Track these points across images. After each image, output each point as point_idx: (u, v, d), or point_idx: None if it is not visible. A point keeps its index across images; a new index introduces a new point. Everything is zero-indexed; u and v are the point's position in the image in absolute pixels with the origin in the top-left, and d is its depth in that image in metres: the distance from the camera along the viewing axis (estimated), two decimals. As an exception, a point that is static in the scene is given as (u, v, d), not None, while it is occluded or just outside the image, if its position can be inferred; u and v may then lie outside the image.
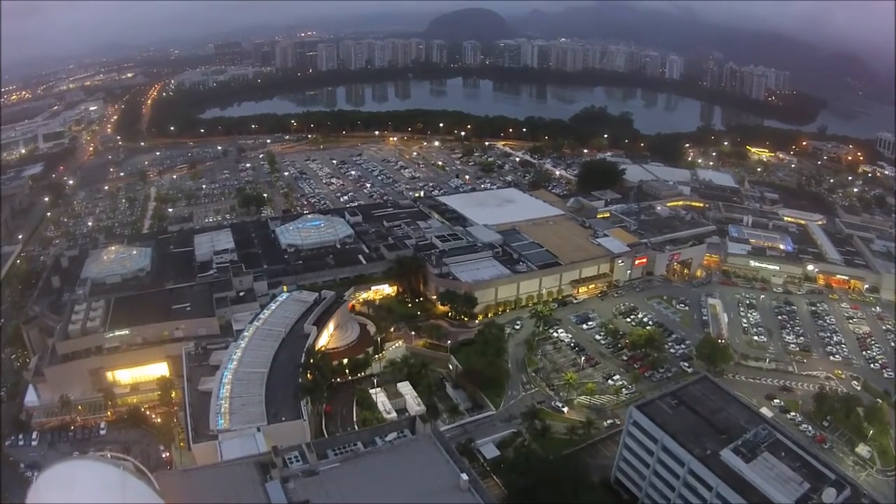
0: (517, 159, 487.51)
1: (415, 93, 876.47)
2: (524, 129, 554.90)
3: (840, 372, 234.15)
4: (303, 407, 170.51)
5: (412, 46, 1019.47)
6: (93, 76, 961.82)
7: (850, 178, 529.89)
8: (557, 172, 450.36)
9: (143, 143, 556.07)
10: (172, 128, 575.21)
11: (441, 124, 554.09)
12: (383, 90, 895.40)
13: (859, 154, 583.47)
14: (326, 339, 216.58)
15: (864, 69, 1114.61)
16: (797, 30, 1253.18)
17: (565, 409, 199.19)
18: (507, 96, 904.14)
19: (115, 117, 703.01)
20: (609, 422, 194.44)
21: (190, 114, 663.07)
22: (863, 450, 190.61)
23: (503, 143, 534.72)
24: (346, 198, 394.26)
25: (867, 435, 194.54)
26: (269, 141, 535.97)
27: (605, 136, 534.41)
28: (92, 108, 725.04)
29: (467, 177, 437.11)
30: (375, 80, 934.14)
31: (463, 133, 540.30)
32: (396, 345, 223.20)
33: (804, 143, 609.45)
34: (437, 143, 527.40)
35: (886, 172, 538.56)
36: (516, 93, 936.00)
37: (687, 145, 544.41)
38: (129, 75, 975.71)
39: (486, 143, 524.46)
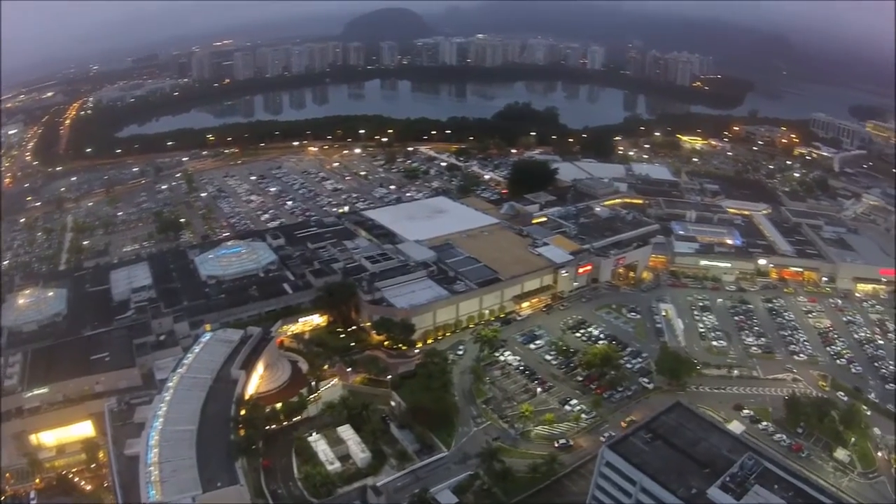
0: (443, 163, 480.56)
1: (333, 98, 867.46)
2: (448, 131, 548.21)
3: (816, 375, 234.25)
4: (238, 469, 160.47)
5: (329, 50, 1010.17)
6: (13, 97, 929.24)
7: (787, 162, 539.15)
8: (486, 175, 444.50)
9: (59, 168, 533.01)
10: (89, 149, 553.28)
11: (361, 130, 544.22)
12: (301, 97, 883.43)
13: (793, 136, 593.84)
14: (256, 381, 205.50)
15: (789, 49, 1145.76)
16: (720, 14, 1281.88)
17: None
18: (427, 97, 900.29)
19: (33, 141, 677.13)
20: (562, 441, 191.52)
21: (107, 133, 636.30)
22: (841, 454, 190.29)
23: (427, 146, 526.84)
24: (267, 216, 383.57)
25: (844, 439, 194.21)
26: (185, 159, 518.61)
27: (533, 133, 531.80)
28: (11, 132, 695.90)
29: (392, 186, 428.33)
30: (293, 86, 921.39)
31: (384, 138, 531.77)
32: (332, 383, 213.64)
33: (736, 129, 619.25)
34: (358, 151, 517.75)
35: (824, 153, 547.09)
36: (436, 92, 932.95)
37: (617, 138, 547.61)
38: (49, 94, 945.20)
39: (410, 148, 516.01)
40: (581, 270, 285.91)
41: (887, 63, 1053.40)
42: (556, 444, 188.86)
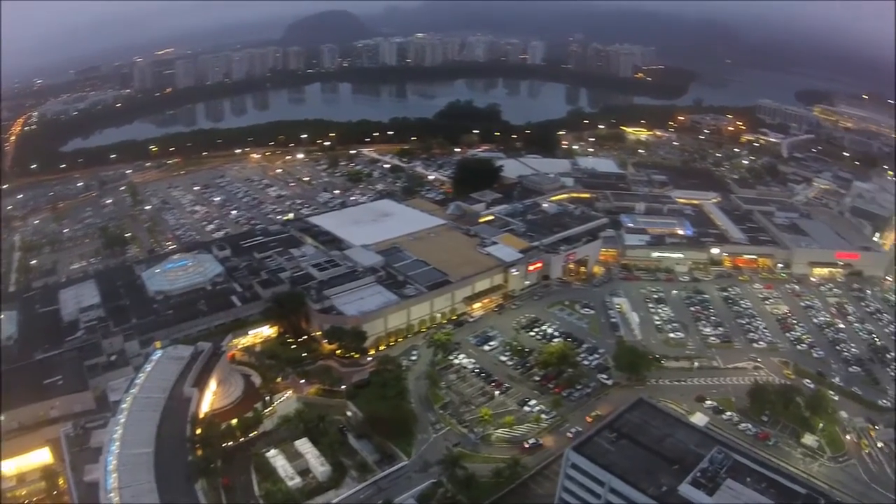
0: (386, 165, 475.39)
1: (274, 103, 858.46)
2: (390, 132, 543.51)
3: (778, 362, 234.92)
4: (198, 490, 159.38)
5: (269, 55, 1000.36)
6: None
7: (735, 149, 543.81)
8: (430, 175, 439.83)
9: (6, 186, 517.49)
10: (34, 165, 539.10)
11: (303, 135, 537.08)
12: (242, 103, 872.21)
13: (740, 124, 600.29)
14: (210, 398, 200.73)
15: (731, 37, 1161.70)
16: (661, 4, 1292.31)
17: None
18: (369, 98, 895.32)
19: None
20: (532, 441, 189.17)
21: (52, 147, 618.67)
22: (809, 440, 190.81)
23: (369, 148, 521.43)
24: (212, 226, 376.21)
25: (811, 424, 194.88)
26: (129, 171, 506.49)
27: (476, 131, 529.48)
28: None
29: (336, 191, 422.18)
30: (234, 93, 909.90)
31: (327, 142, 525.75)
32: (286, 395, 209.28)
33: (681, 118, 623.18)
34: (301, 156, 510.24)
35: (772, 139, 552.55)
36: (377, 94, 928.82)
37: (561, 132, 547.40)
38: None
39: (352, 151, 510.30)
40: (531, 268, 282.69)
41: (834, 48, 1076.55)
42: (527, 445, 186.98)
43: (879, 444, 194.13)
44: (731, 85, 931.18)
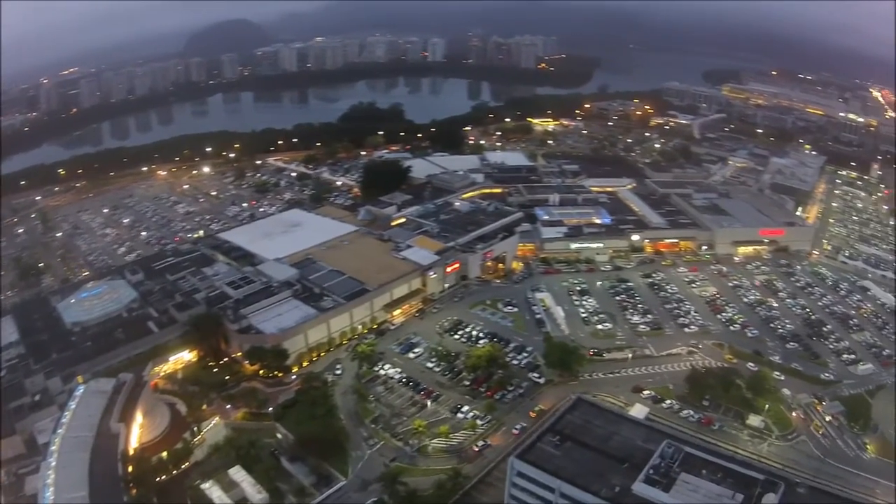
0: (293, 173, 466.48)
1: (178, 117, 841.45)
2: (294, 139, 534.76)
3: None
4: None
5: (171, 68, 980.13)
6: None
7: (646, 133, 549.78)
8: (338, 181, 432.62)
9: None
10: None
11: (208, 148, 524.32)
12: (147, 119, 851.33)
13: (648, 108, 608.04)
14: (137, 432, 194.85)
15: (633, 22, 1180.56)
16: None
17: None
18: (271, 106, 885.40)
19: None
20: (481, 443, 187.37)
21: None
22: (755, 421, 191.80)
23: (274, 157, 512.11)
24: (123, 249, 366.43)
25: (755, 405, 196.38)
26: (39, 197, 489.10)
27: (380, 132, 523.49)
28: None
29: (245, 203, 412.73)
30: (138, 109, 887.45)
31: (232, 154, 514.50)
32: (214, 422, 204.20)
33: (588, 106, 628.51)
34: (207, 170, 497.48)
35: (682, 121, 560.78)
36: (279, 101, 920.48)
37: (466, 128, 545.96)
38: None
39: (258, 161, 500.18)
40: (449, 269, 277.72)
41: (741, 27, 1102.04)
42: (476, 448, 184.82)
43: (828, 418, 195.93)
44: (635, 70, 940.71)
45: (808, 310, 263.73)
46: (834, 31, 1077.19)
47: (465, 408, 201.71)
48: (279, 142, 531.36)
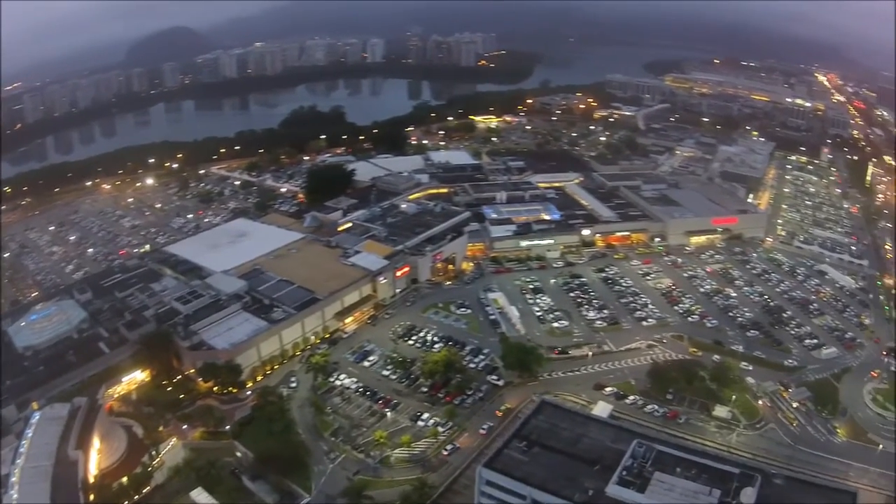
0: (236, 182, 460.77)
1: (121, 129, 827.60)
2: (237, 147, 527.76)
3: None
4: None
5: (113, 79, 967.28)
6: None
7: (590, 127, 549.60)
8: (283, 188, 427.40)
9: None
10: None
11: (151, 159, 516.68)
12: (90, 132, 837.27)
13: (591, 101, 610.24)
14: (96, 458, 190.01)
15: (573, 17, 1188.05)
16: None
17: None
18: (212, 114, 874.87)
19: None
20: (450, 447, 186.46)
21: None
22: (721, 411, 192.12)
23: (217, 166, 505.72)
24: (71, 267, 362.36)
25: (720, 396, 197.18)
26: None
27: (322, 136, 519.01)
28: None
29: (189, 215, 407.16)
30: (81, 122, 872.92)
31: (175, 165, 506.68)
32: (171, 443, 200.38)
33: (530, 102, 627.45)
34: (150, 182, 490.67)
35: (626, 113, 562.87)
36: (220, 108, 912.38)
37: (409, 129, 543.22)
38: None
39: (201, 171, 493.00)
40: (399, 273, 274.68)
41: (680, 18, 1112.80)
42: (446, 452, 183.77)
43: (795, 404, 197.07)
44: (576, 63, 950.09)
45: (766, 297, 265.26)
46: (778, 19, 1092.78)
47: (425, 415, 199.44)
48: (222, 150, 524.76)
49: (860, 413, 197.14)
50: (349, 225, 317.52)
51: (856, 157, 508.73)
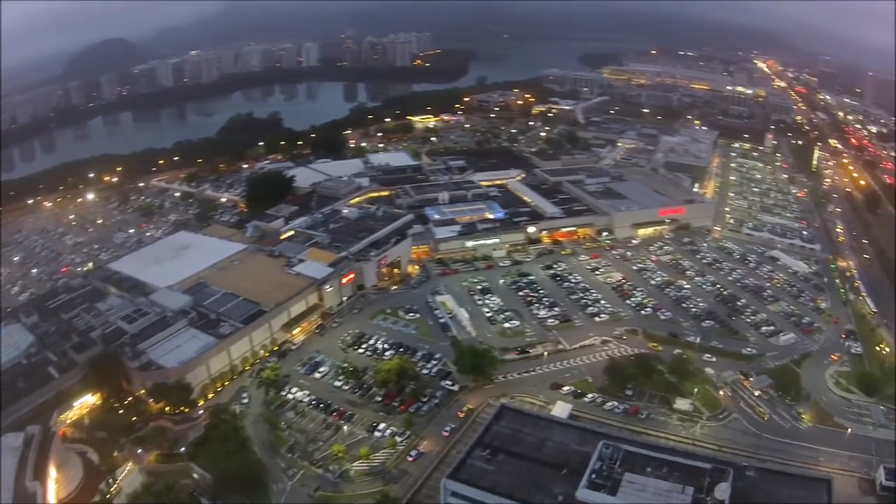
0: (176, 193, 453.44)
1: (61, 144, 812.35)
2: (175, 158, 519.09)
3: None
4: None
5: (52, 93, 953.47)
6: None
7: (529, 122, 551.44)
8: (223, 198, 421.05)
9: None
10: None
11: (91, 174, 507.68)
12: (31, 149, 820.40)
13: (529, 96, 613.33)
14: (53, 488, 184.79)
15: (505, 13, 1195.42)
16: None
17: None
18: (150, 125, 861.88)
19: None
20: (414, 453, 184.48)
21: None
22: (683, 404, 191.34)
23: (157, 178, 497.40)
24: (16, 289, 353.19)
25: (680, 388, 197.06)
26: None
27: (260, 143, 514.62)
28: None
29: (131, 229, 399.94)
30: (22, 138, 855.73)
31: (115, 178, 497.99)
32: (127, 468, 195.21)
33: (467, 99, 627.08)
34: (91, 197, 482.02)
35: (564, 107, 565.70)
36: (158, 119, 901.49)
37: (347, 132, 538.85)
38: None
39: (141, 184, 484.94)
40: (345, 280, 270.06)
41: (616, 10, 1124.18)
42: (411, 458, 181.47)
43: (757, 393, 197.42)
44: (511, 59, 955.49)
45: (719, 286, 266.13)
46: (715, 9, 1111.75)
47: (382, 425, 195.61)
48: (161, 161, 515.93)
49: (824, 397, 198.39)
50: (291, 233, 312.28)
51: (800, 142, 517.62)
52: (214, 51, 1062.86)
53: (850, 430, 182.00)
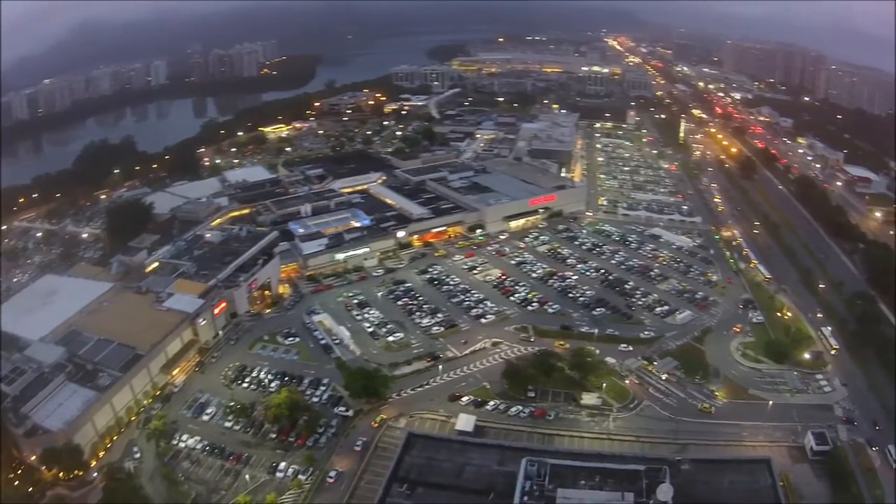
0: (38, 233, 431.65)
1: None
2: (34, 195, 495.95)
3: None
4: None
5: None
6: None
7: (384, 122, 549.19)
8: (84, 233, 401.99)
9: None
10: None
11: None
12: None
13: (379, 95, 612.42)
14: None
15: (346, 14, 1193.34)
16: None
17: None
18: (7, 161, 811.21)
19: None
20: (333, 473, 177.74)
21: None
22: (589, 399, 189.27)
23: (17, 218, 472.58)
24: None
25: (585, 383, 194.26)
26: None
27: (116, 170, 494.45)
28: None
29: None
30: None
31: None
32: None
33: (317, 104, 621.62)
34: None
35: (417, 103, 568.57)
36: (15, 154, 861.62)
37: (201, 150, 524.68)
38: None
39: (3, 227, 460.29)
40: (217, 311, 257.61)
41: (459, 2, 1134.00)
42: (331, 478, 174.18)
43: (664, 376, 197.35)
44: (358, 60, 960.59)
45: (603, 271, 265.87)
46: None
47: (283, 464, 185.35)
48: (20, 199, 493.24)
49: (734, 371, 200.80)
50: (156, 264, 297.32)
51: (664, 116, 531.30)
52: (66, 77, 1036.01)
53: (770, 402, 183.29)
